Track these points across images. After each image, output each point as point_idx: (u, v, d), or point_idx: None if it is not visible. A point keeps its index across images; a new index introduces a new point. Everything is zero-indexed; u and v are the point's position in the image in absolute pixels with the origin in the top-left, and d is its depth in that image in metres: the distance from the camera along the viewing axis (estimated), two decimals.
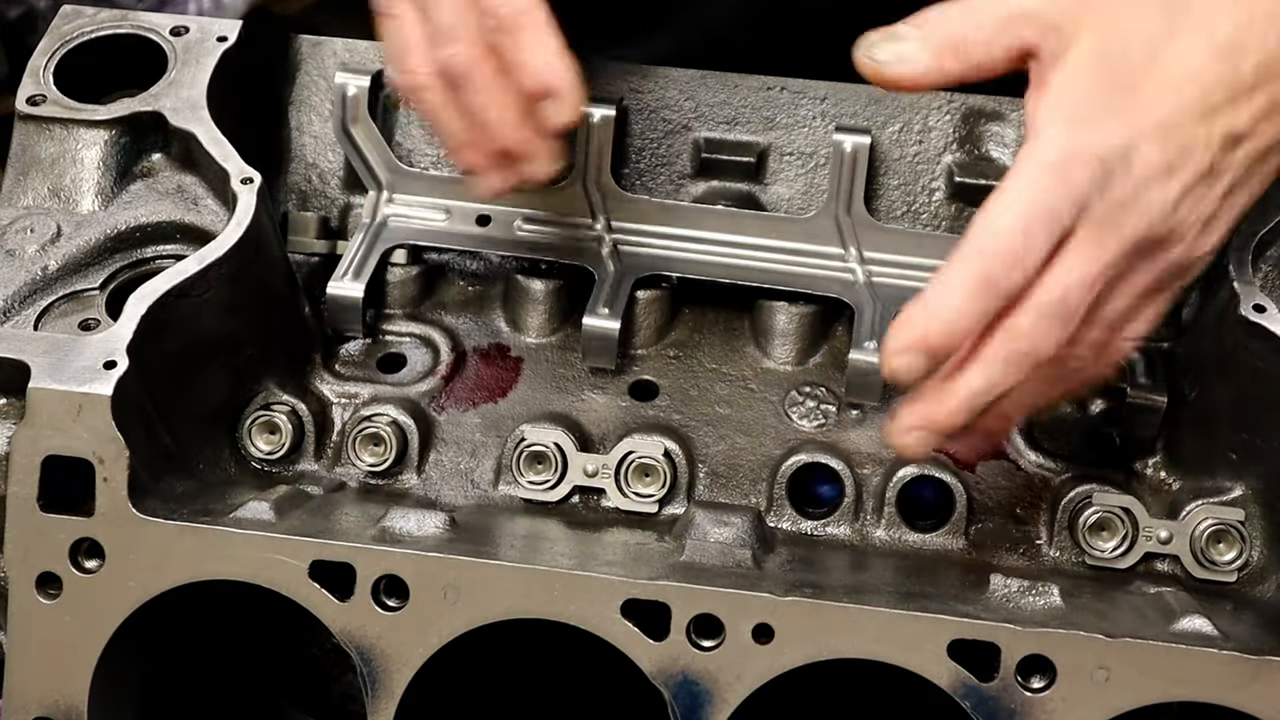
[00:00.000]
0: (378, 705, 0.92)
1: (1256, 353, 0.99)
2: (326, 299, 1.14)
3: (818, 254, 1.13)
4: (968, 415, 0.89)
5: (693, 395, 1.14)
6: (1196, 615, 0.92)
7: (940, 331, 0.85)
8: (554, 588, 0.91)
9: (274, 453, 1.11)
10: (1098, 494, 1.06)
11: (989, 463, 1.10)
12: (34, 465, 0.93)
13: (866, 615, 0.90)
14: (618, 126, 1.17)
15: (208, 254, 1.02)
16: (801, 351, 1.15)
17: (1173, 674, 0.88)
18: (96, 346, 0.96)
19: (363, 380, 1.15)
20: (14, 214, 1.11)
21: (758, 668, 0.90)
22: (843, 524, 1.09)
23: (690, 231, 1.15)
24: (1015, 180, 0.85)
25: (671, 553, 0.98)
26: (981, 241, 0.85)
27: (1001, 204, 0.85)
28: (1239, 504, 1.05)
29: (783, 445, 1.12)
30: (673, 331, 1.17)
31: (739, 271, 1.14)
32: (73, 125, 1.13)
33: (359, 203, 1.21)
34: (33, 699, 0.94)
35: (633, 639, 0.91)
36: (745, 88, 1.20)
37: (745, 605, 0.90)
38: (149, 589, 0.93)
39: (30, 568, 0.93)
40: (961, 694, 0.89)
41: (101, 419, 0.93)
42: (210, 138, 1.10)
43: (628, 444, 1.09)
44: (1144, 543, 1.05)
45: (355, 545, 0.93)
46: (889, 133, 1.18)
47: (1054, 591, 0.94)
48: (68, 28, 1.18)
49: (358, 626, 0.92)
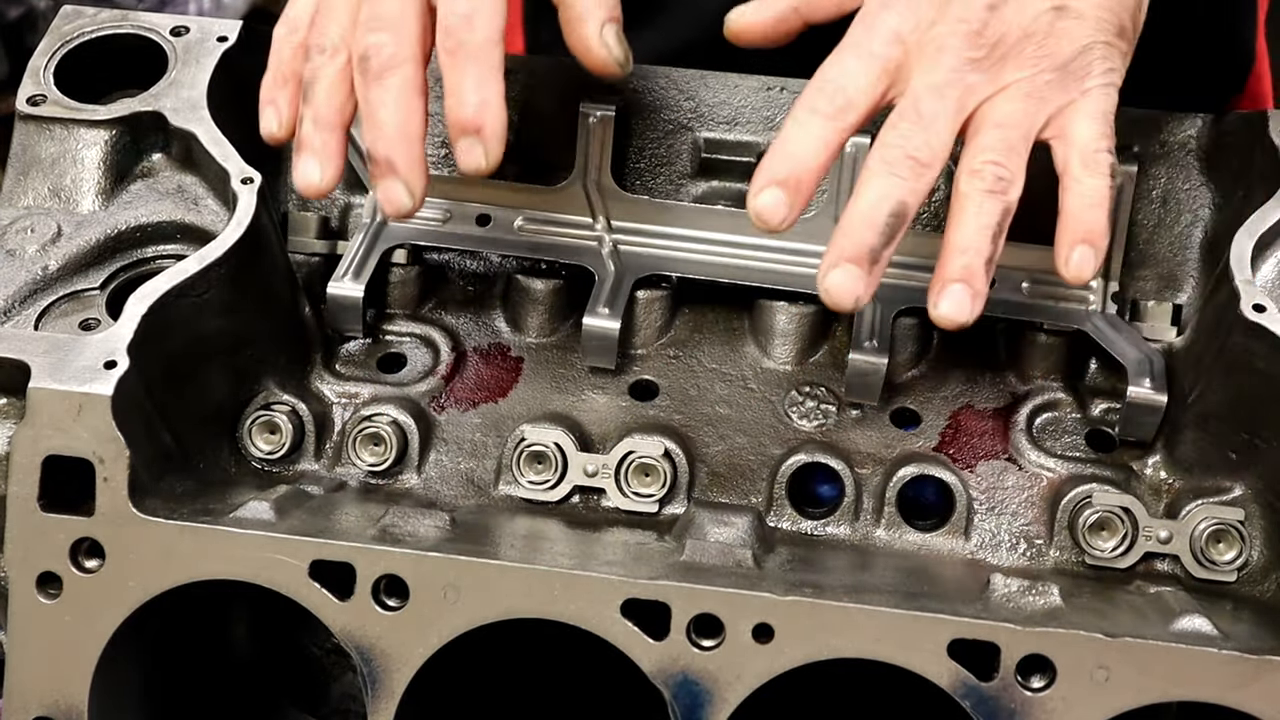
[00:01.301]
0: (378, 705, 0.93)
1: (1257, 353, 0.99)
2: (326, 299, 1.14)
3: (817, 254, 1.12)
4: (876, 232, 0.93)
5: (693, 395, 1.14)
6: (1196, 615, 0.92)
7: (782, 160, 0.93)
8: (554, 588, 0.91)
9: (274, 452, 1.11)
10: (1098, 494, 1.06)
11: (989, 462, 1.11)
12: (34, 465, 0.93)
13: (866, 615, 0.90)
14: (618, 126, 1.17)
15: (208, 254, 1.03)
16: (801, 351, 1.15)
17: (1173, 674, 0.88)
18: (97, 346, 0.96)
19: (363, 380, 1.15)
20: (14, 214, 1.11)
21: (758, 668, 0.90)
22: (843, 524, 1.09)
23: (690, 231, 1.15)
24: (848, 37, 0.96)
25: (671, 553, 0.98)
26: (819, 82, 0.95)
27: (838, 55, 0.96)
28: (1239, 504, 1.05)
29: (783, 445, 1.12)
30: (673, 331, 1.17)
31: (739, 271, 1.14)
32: (73, 125, 1.13)
33: (359, 203, 1.21)
34: (33, 699, 0.94)
35: (633, 639, 0.91)
36: (745, 88, 1.20)
37: (745, 605, 0.90)
38: (149, 589, 0.93)
39: (30, 568, 0.94)
40: (961, 694, 0.89)
41: (102, 419, 0.93)
42: (210, 138, 1.10)
43: (628, 444, 1.09)
44: (1144, 542, 1.05)
45: (355, 545, 0.93)
46: None
47: (1054, 591, 0.94)
48: (68, 28, 1.18)
49: (358, 626, 0.93)
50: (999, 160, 0.94)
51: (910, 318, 1.13)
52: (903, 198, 0.93)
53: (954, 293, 0.93)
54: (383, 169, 0.98)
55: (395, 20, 0.98)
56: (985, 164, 0.94)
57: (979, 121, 0.96)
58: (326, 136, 1.00)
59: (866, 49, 0.95)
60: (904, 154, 0.94)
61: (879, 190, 0.93)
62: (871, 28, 0.95)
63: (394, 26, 0.97)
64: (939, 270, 0.94)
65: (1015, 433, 1.11)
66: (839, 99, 0.94)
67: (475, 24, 0.96)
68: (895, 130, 0.94)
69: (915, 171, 0.94)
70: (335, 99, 1.00)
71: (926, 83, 0.94)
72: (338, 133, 1.01)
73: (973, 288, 0.93)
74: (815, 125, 0.94)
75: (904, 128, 0.94)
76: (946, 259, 0.94)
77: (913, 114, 0.94)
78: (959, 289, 0.93)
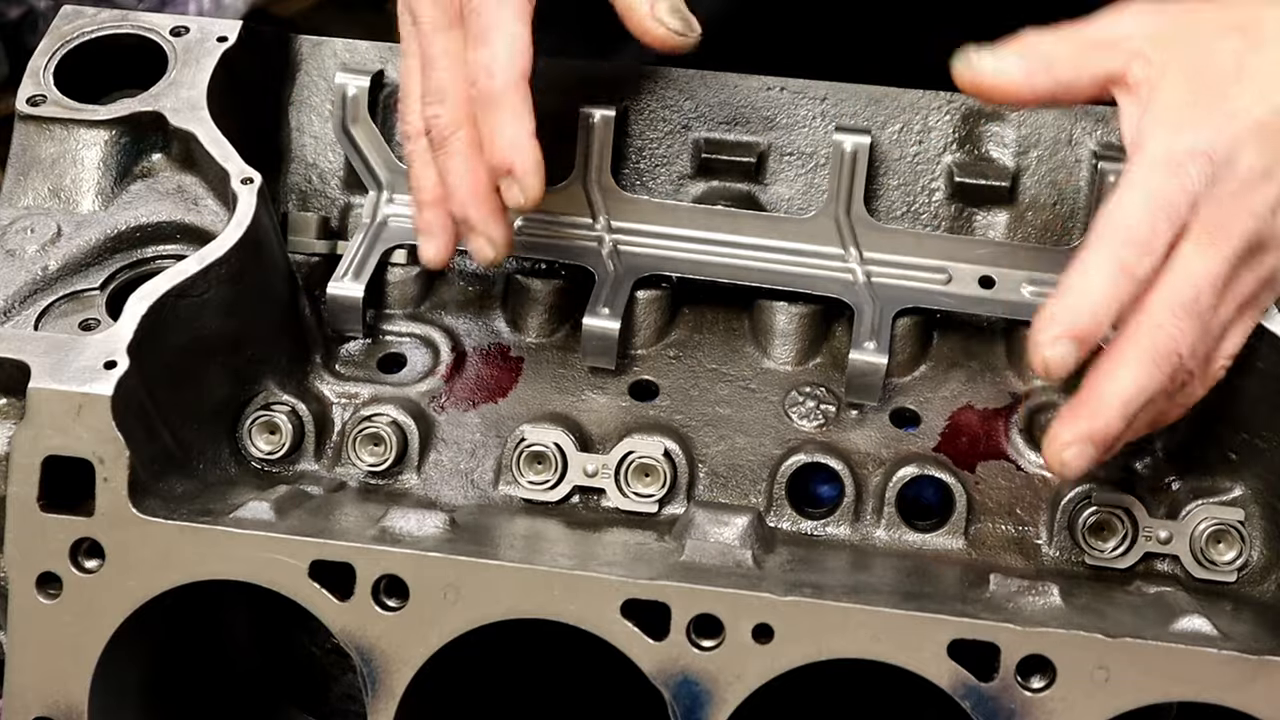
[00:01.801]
0: (378, 705, 0.93)
1: (1257, 352, 0.99)
2: (326, 299, 1.14)
3: (818, 254, 1.13)
4: (1123, 422, 0.88)
5: (693, 395, 1.14)
6: (1196, 615, 0.92)
7: (1087, 316, 0.86)
8: (554, 588, 0.91)
9: (274, 453, 1.11)
10: (1097, 494, 1.06)
11: (989, 463, 1.10)
12: (34, 465, 0.93)
13: (866, 615, 0.90)
14: (618, 126, 1.17)
15: (208, 254, 1.02)
16: (801, 351, 1.15)
17: (1173, 674, 0.88)
18: (97, 346, 0.96)
19: (363, 380, 1.15)
20: (14, 214, 1.11)
21: (758, 668, 0.90)
22: (842, 524, 1.09)
23: (690, 231, 1.15)
24: (1133, 176, 0.89)
25: (671, 553, 0.98)
26: (1113, 231, 0.87)
27: (1126, 196, 0.88)
28: (1239, 504, 1.05)
29: (783, 445, 1.12)
30: (673, 331, 1.17)
31: (739, 271, 1.14)
32: (73, 125, 1.13)
33: (359, 203, 1.21)
34: (33, 699, 0.94)
35: (633, 639, 0.91)
36: (745, 88, 1.20)
37: (745, 605, 0.90)
38: (149, 589, 0.93)
39: (30, 568, 0.94)
40: (961, 694, 0.89)
41: (102, 419, 0.93)
42: (210, 138, 1.10)
43: (628, 444, 1.09)
44: (1144, 543, 1.05)
45: (355, 545, 0.93)
46: (889, 133, 1.18)
47: (1053, 591, 0.94)
48: (68, 28, 1.18)
49: (358, 626, 0.92)
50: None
51: (910, 317, 1.13)
52: (1153, 392, 0.88)
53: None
54: (464, 228, 1.04)
55: (446, 88, 1.02)
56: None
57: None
58: (427, 215, 1.07)
59: (1166, 198, 0.88)
60: (1175, 355, 0.88)
61: (1137, 379, 0.87)
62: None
63: (446, 95, 1.02)
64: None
65: (1015, 433, 1.11)
66: (1147, 262, 0.88)
67: (494, 70, 0.98)
68: (1175, 317, 0.88)
69: (1175, 376, 0.88)
70: (424, 178, 1.06)
71: (1204, 271, 0.88)
72: (436, 208, 1.06)
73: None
74: (1121, 285, 0.87)
75: (1183, 320, 0.88)
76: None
77: (1195, 304, 0.88)
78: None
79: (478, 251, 1.05)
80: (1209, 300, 0.88)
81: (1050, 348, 0.87)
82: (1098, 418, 0.88)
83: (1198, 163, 0.88)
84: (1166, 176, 0.88)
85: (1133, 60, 0.91)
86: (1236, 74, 0.89)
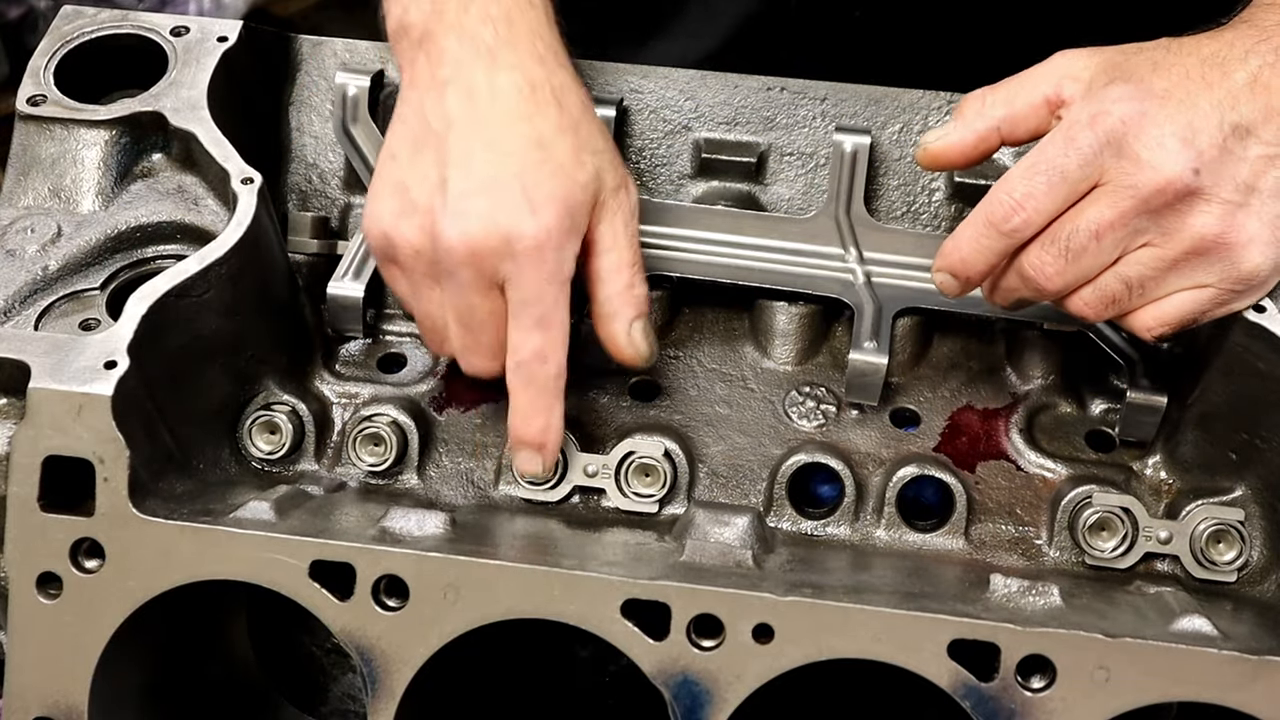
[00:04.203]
0: (378, 705, 0.93)
1: (1256, 353, 0.99)
2: (327, 299, 1.14)
3: (818, 254, 1.13)
4: (971, 265, 0.99)
5: (693, 395, 1.14)
6: (1196, 615, 0.92)
7: (957, 261, 0.99)
8: (554, 588, 0.91)
9: (274, 453, 1.11)
10: (1098, 494, 1.06)
11: (989, 463, 1.11)
12: (34, 465, 0.93)
13: (866, 615, 0.90)
14: (618, 126, 1.17)
15: (208, 254, 1.02)
16: (801, 351, 1.15)
17: (1173, 674, 0.88)
18: (97, 346, 0.96)
19: (363, 380, 1.15)
20: (14, 214, 1.11)
21: (758, 668, 0.90)
22: (843, 524, 1.09)
23: (690, 231, 1.15)
24: (1037, 145, 0.97)
25: (671, 553, 0.98)
26: (992, 191, 0.97)
27: (1017, 163, 0.97)
28: (1239, 504, 1.05)
29: (782, 445, 1.12)
30: (673, 331, 1.17)
31: (739, 271, 1.14)
32: (73, 125, 1.13)
33: (359, 203, 1.21)
34: (33, 699, 0.94)
35: (633, 639, 0.91)
36: (745, 88, 1.20)
37: (745, 605, 0.90)
38: (149, 589, 0.93)
39: (30, 568, 0.94)
40: (961, 694, 0.89)
41: (102, 419, 0.93)
42: (210, 138, 1.10)
43: (628, 444, 1.09)
44: (1144, 543, 1.05)
45: (355, 545, 0.93)
46: (889, 133, 1.18)
47: (1054, 591, 0.94)
48: (68, 28, 1.18)
49: (358, 626, 0.93)
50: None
51: (910, 317, 1.13)
52: (1001, 249, 0.99)
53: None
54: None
55: (484, 332, 1.04)
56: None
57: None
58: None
59: (1049, 162, 0.96)
60: (1035, 284, 0.98)
61: (977, 235, 0.98)
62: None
63: (484, 348, 1.05)
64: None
65: (1015, 433, 1.11)
66: (1015, 218, 0.96)
67: (548, 359, 1.02)
68: (1039, 253, 0.97)
69: (1034, 292, 0.99)
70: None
71: (1087, 220, 0.96)
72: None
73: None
74: (988, 238, 0.98)
75: (1046, 256, 0.97)
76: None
77: (1062, 243, 0.97)
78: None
79: (523, 467, 1.08)
80: (1082, 240, 0.95)
81: (936, 275, 1.02)
82: (948, 257, 1.00)
83: (1091, 128, 0.94)
84: (1057, 141, 0.95)
85: (1063, 80, 0.98)
86: (1150, 67, 0.96)
